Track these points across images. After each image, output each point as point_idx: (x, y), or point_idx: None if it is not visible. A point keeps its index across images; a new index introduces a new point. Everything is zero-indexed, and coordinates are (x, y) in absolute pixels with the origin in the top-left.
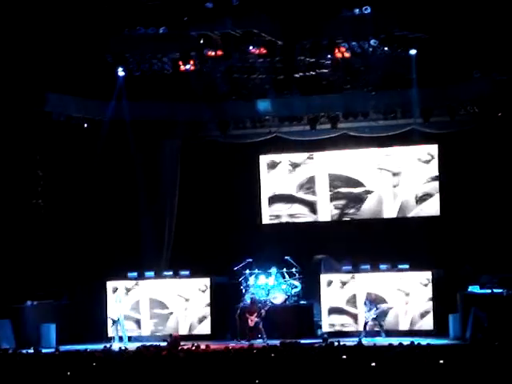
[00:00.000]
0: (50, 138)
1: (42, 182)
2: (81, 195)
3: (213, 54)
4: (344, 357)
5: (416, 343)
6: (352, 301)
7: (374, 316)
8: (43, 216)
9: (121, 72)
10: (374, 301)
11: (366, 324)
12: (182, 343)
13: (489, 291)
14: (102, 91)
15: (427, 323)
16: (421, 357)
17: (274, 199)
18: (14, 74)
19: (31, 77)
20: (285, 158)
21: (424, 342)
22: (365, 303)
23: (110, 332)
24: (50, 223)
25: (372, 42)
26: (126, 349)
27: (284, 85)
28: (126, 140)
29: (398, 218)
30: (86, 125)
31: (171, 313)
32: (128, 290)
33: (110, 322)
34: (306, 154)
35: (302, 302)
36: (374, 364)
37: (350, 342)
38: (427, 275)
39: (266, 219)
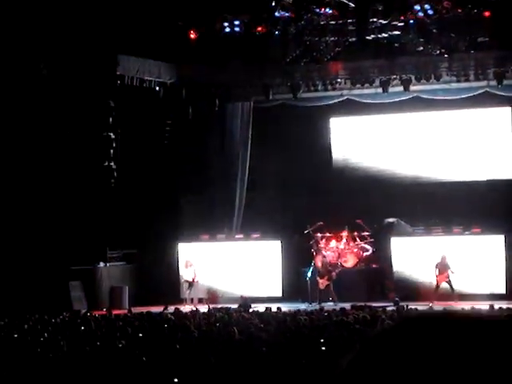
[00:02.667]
0: (123, 100)
1: (114, 145)
2: (153, 158)
3: (284, 16)
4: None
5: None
6: (424, 264)
7: (447, 280)
8: (115, 178)
9: (192, 35)
10: (446, 265)
11: (437, 287)
12: (252, 305)
13: None
14: (174, 54)
15: (500, 287)
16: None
17: (345, 162)
18: (87, 36)
19: (104, 39)
20: (356, 121)
21: (496, 305)
22: (436, 266)
23: (183, 294)
24: (122, 186)
25: (445, 3)
26: (197, 310)
27: (356, 47)
28: (198, 103)
29: (471, 181)
30: (157, 88)
31: (242, 275)
32: (200, 252)
33: (185, 285)
34: (378, 117)
35: (373, 266)
36: None
37: (422, 305)
38: (500, 239)
39: (337, 182)
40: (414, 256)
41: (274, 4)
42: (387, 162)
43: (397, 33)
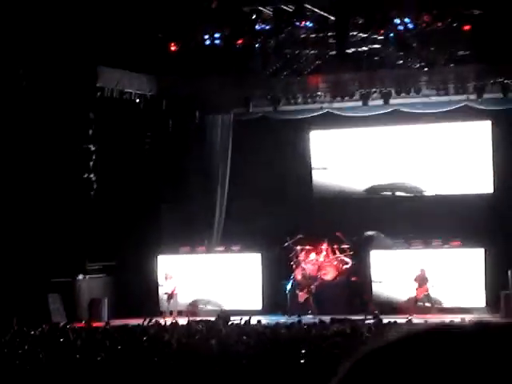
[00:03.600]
0: (102, 112)
1: (94, 157)
2: (132, 170)
3: (265, 28)
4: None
5: (467, 320)
6: (403, 277)
7: (426, 293)
8: (94, 190)
9: (173, 47)
10: (425, 278)
11: (416, 301)
12: (232, 318)
13: None
14: (154, 66)
15: (479, 300)
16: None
17: (325, 176)
18: (67, 47)
19: (84, 51)
20: (336, 134)
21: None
22: (415, 280)
23: (162, 306)
24: (101, 198)
25: (425, 17)
26: (176, 323)
27: (336, 60)
28: (177, 115)
29: (450, 195)
30: (137, 100)
31: (221, 288)
32: (179, 264)
33: (164, 297)
34: (358, 130)
35: (352, 279)
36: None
37: (402, 318)
38: (480, 252)
39: (316, 195)
40: (394, 269)
41: (254, 17)
42: (367, 175)
43: (377, 46)
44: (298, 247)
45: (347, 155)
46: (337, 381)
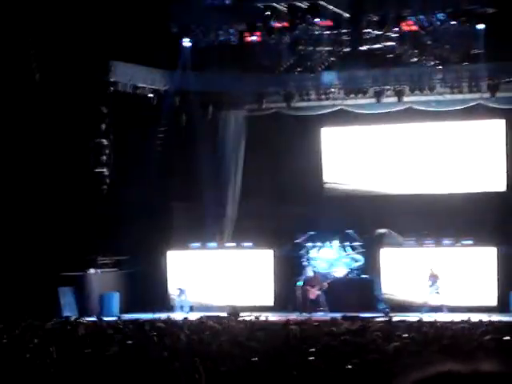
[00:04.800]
0: (115, 107)
1: (106, 151)
2: (145, 165)
3: (279, 25)
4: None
5: (478, 320)
6: (414, 275)
7: (437, 291)
8: (107, 185)
9: (186, 42)
10: (436, 276)
11: (427, 299)
12: (242, 314)
13: None
14: (168, 61)
15: (490, 299)
16: (484, 333)
17: (337, 173)
18: (80, 42)
19: (97, 46)
20: (349, 131)
21: (486, 318)
22: (428, 278)
23: (173, 301)
24: (114, 192)
25: (439, 15)
26: (187, 318)
27: (350, 57)
28: (191, 110)
29: (464, 193)
30: (151, 95)
31: (233, 284)
32: (191, 260)
33: (176, 292)
34: (371, 127)
35: (363, 276)
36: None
37: (412, 316)
38: (491, 251)
39: (329, 192)
40: (405, 267)
41: (269, 13)
42: (379, 173)
43: (391, 43)
44: (310, 244)
45: (360, 153)
46: None
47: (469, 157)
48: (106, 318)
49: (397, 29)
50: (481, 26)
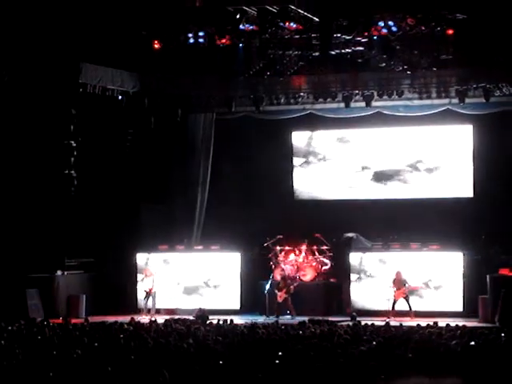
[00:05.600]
0: (85, 109)
1: (75, 153)
2: (113, 167)
3: (249, 28)
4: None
5: (445, 324)
6: (381, 280)
7: (404, 296)
8: (75, 187)
9: (156, 44)
10: (402, 281)
11: (394, 303)
12: (210, 317)
13: None
14: (137, 63)
15: (456, 304)
16: (450, 338)
17: (306, 177)
18: (50, 43)
19: (67, 47)
20: (318, 135)
21: (453, 323)
22: (393, 282)
23: (140, 304)
24: (82, 194)
25: (409, 20)
26: (154, 321)
27: (319, 62)
28: (159, 113)
29: (431, 198)
30: (120, 96)
31: (200, 287)
32: (158, 262)
33: (142, 295)
34: (340, 132)
35: (331, 280)
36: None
37: (379, 321)
38: (458, 256)
39: (297, 196)
40: (372, 271)
41: (238, 16)
42: (348, 177)
43: (360, 48)
44: (278, 248)
45: (329, 156)
46: None
47: (436, 162)
48: (72, 321)
49: (366, 34)
50: (450, 32)
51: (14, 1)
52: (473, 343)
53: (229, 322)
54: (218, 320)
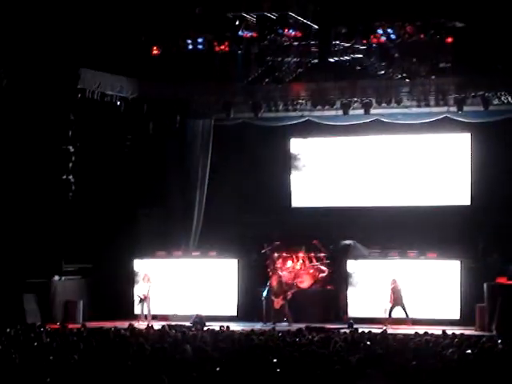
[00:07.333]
0: (83, 114)
1: (73, 159)
2: (111, 172)
3: (248, 35)
4: (368, 343)
5: (441, 332)
6: (379, 287)
7: (401, 304)
8: (73, 192)
9: (155, 50)
10: (398, 289)
11: (391, 311)
12: (207, 324)
13: None
14: (136, 69)
15: (453, 313)
16: (447, 346)
17: (304, 184)
18: (49, 48)
19: (66, 52)
20: (316, 142)
21: (449, 331)
22: (391, 290)
23: (136, 310)
24: (80, 199)
25: (408, 28)
26: (151, 327)
27: (318, 69)
28: (158, 119)
29: (428, 206)
30: (118, 102)
31: (198, 293)
32: (155, 268)
33: (136, 300)
34: (338, 139)
35: (328, 287)
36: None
37: (376, 328)
38: (455, 264)
39: (295, 202)
40: (370, 279)
41: (237, 23)
42: (346, 184)
43: (359, 56)
44: (275, 254)
45: (327, 164)
46: None
47: (434, 170)
48: (69, 326)
49: (365, 41)
50: (449, 40)
51: (13, 6)
52: (469, 351)
53: (225, 328)
54: (219, 327)
